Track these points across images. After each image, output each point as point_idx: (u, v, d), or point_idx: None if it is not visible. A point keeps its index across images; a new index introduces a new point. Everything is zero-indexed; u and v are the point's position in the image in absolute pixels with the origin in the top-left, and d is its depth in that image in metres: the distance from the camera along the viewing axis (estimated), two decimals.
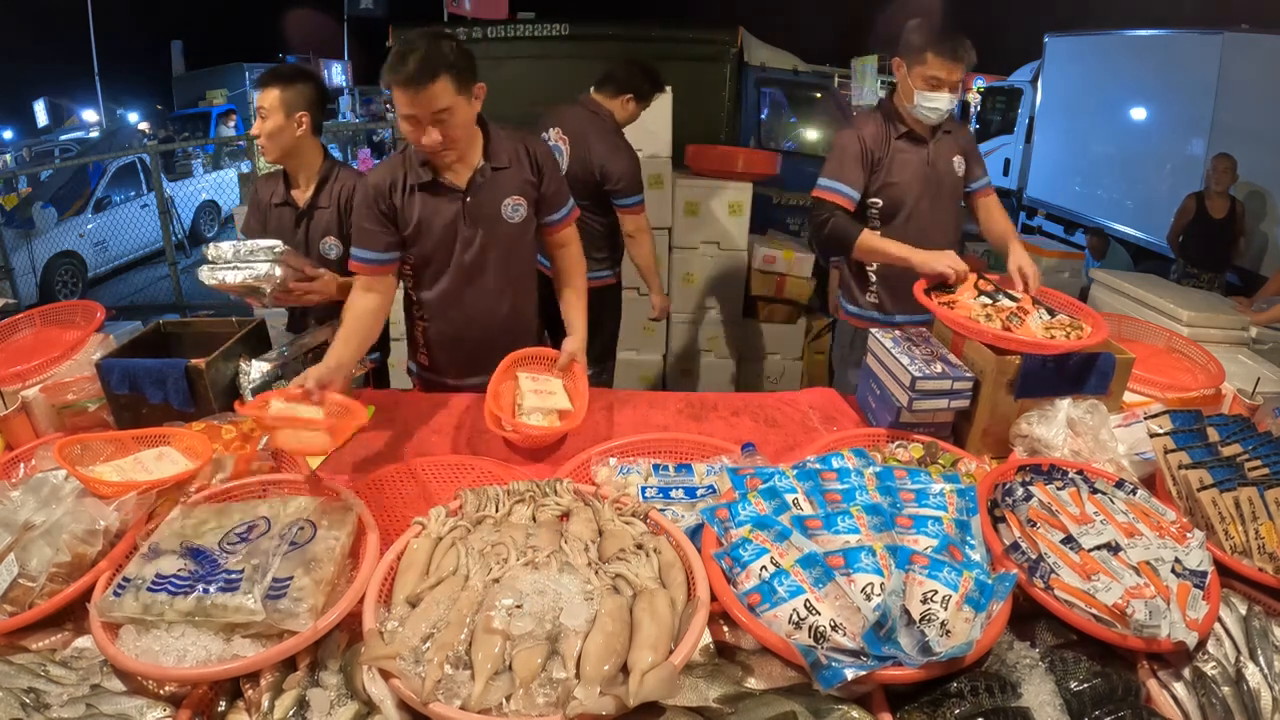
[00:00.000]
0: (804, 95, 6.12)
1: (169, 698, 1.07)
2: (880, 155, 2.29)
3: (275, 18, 21.28)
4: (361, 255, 1.84)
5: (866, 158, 2.27)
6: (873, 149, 2.27)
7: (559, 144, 2.89)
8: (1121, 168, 6.98)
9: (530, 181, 1.92)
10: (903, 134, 2.29)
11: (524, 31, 4.41)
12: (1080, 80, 7.65)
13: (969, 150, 2.41)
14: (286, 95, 2.04)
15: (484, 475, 1.62)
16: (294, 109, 2.05)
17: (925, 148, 2.30)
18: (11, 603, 1.19)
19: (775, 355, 4.15)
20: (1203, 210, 5.03)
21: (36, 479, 1.41)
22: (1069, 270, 5.28)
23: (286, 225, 2.14)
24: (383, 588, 1.17)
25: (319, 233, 2.14)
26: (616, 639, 1.01)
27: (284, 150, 2.09)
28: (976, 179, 2.42)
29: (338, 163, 2.18)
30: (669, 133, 3.61)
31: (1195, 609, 1.14)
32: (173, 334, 2.02)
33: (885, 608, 1.01)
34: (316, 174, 2.13)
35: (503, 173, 1.88)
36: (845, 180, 2.26)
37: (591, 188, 2.86)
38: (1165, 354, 2.18)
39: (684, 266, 3.90)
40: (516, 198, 1.91)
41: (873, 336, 1.91)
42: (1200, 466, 1.42)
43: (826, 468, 1.40)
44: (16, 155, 11.79)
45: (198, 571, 1.15)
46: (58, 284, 7.34)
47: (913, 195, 2.32)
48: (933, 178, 2.32)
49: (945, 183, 2.35)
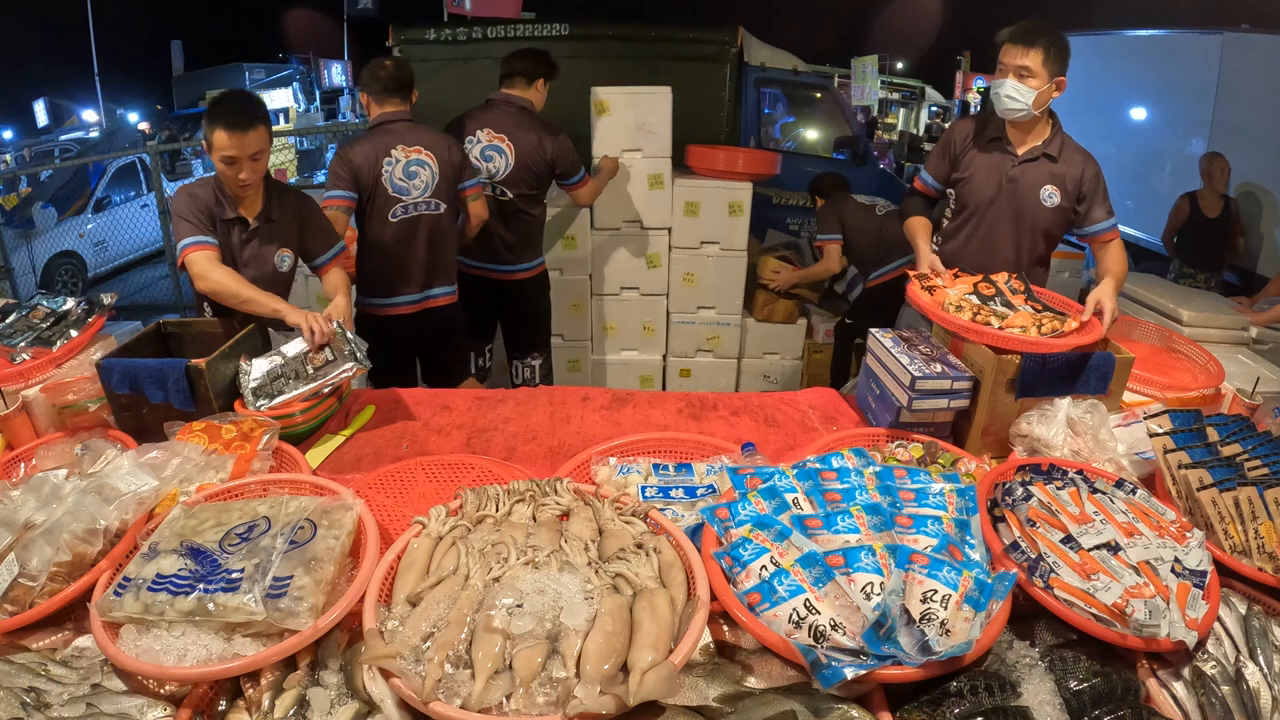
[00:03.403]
0: (804, 95, 6.13)
1: (169, 697, 1.07)
2: (961, 151, 2.35)
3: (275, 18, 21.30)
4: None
5: (949, 149, 2.37)
6: (958, 143, 2.35)
7: (495, 144, 2.98)
8: (1121, 168, 6.97)
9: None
10: (993, 139, 2.27)
11: (524, 31, 4.41)
12: (1080, 80, 7.62)
13: (1079, 187, 2.23)
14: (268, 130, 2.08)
15: (484, 475, 1.63)
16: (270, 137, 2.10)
17: (1009, 158, 2.25)
18: (12, 602, 1.19)
19: (775, 355, 4.16)
20: (1196, 210, 5.03)
21: (37, 479, 1.41)
22: (1069, 270, 5.28)
23: (237, 241, 2.19)
24: (383, 587, 1.17)
25: (272, 246, 2.22)
26: (616, 638, 1.01)
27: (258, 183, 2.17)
28: (1094, 222, 2.23)
29: (272, 179, 2.25)
30: (669, 133, 3.61)
31: (1195, 608, 1.14)
32: (173, 334, 2.02)
33: (885, 607, 1.01)
34: (261, 192, 2.19)
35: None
36: (929, 168, 2.44)
37: (542, 178, 3.02)
38: (1165, 354, 2.18)
39: (684, 266, 3.90)
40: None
41: (872, 336, 1.91)
42: (1200, 466, 1.42)
43: (826, 467, 1.40)
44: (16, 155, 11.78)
45: (198, 571, 1.15)
46: (58, 284, 7.34)
47: (981, 201, 2.31)
48: (1010, 193, 2.26)
49: (1026, 204, 2.25)
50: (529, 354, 3.45)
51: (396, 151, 2.66)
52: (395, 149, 2.66)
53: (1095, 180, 2.21)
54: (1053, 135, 2.23)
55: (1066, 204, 2.22)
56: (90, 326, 2.06)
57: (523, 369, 3.45)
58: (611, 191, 3.72)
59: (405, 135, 2.69)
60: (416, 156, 2.70)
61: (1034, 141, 2.23)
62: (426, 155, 2.70)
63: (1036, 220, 2.25)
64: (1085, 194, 2.22)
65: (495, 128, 2.99)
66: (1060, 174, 2.21)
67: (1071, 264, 5.33)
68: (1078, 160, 2.22)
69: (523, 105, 3.04)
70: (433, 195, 2.73)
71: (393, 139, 2.67)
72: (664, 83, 3.61)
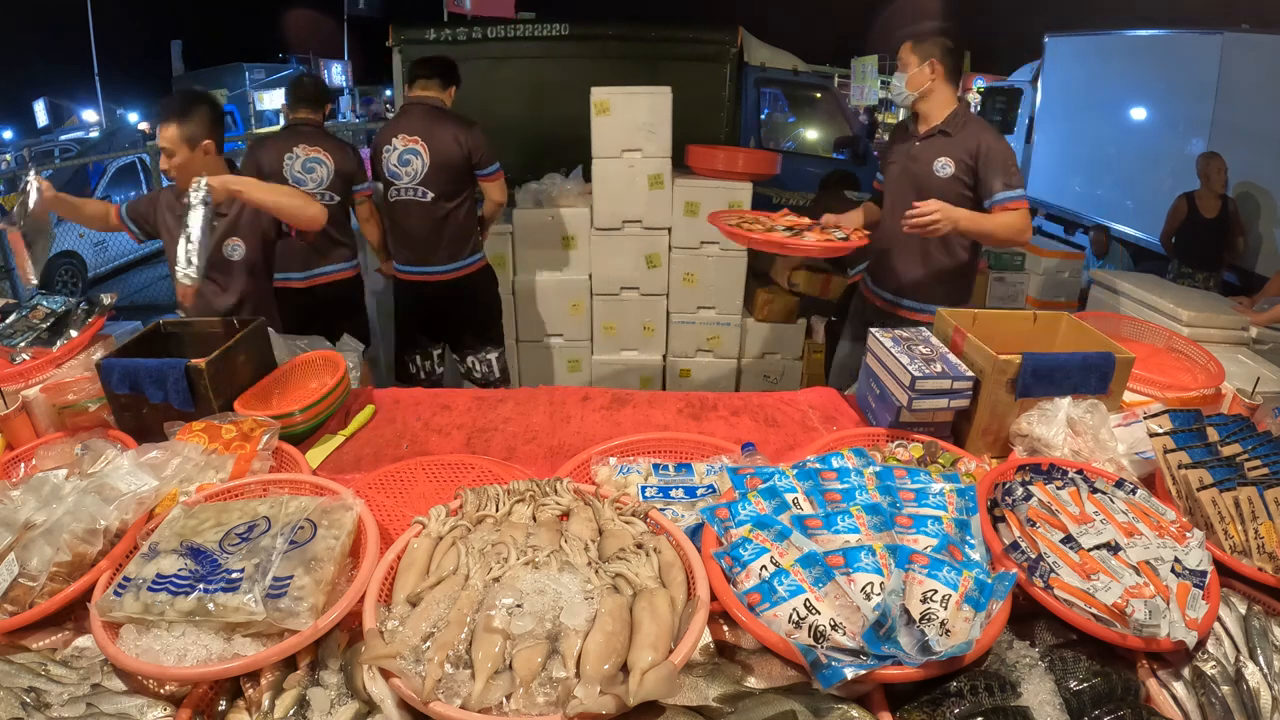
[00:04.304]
0: (804, 95, 6.13)
1: (169, 697, 1.07)
2: (888, 147, 2.59)
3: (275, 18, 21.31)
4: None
5: (884, 149, 2.64)
6: (889, 141, 2.62)
7: (410, 147, 3.07)
8: (1121, 168, 6.98)
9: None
10: (906, 129, 2.49)
11: (524, 31, 4.41)
12: (1080, 80, 7.65)
13: (974, 159, 2.33)
14: (186, 129, 2.17)
15: (484, 475, 1.62)
16: (196, 141, 2.18)
17: (912, 140, 2.47)
18: (12, 602, 1.19)
19: (775, 355, 4.16)
20: (1194, 210, 5.04)
21: (37, 479, 1.41)
22: (1069, 270, 5.28)
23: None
24: (383, 587, 1.17)
25: (222, 235, 2.27)
26: (616, 638, 1.01)
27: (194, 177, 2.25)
28: (991, 193, 2.30)
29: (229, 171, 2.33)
30: (669, 133, 3.61)
31: (1195, 608, 1.14)
32: (173, 334, 2.02)
33: (885, 607, 1.01)
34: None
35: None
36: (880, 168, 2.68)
37: (461, 171, 3.10)
38: (1165, 354, 2.18)
39: (684, 266, 3.90)
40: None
41: (872, 336, 1.91)
42: (1200, 466, 1.42)
43: (826, 467, 1.40)
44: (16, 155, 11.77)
45: (198, 571, 1.15)
46: (58, 284, 7.34)
47: (890, 180, 2.56)
48: (910, 169, 2.48)
49: (922, 177, 2.43)
50: (484, 349, 3.47)
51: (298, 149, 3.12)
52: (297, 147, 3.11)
53: (990, 152, 2.33)
54: (952, 115, 2.42)
55: (961, 174, 2.38)
56: (90, 326, 2.06)
57: (479, 364, 3.48)
58: (611, 191, 3.73)
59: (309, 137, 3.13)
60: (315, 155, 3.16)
61: (934, 122, 2.44)
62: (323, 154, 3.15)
63: (931, 190, 2.35)
64: (981, 165, 2.34)
65: (408, 131, 3.07)
66: (954, 147, 2.38)
67: (1071, 264, 5.33)
68: (974, 134, 2.38)
69: (435, 104, 3.12)
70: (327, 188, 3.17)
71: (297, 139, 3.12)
72: (664, 83, 3.62)
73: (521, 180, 3.99)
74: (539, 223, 3.85)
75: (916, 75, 2.40)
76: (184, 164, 2.18)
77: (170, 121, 2.14)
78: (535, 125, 4.48)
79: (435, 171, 3.06)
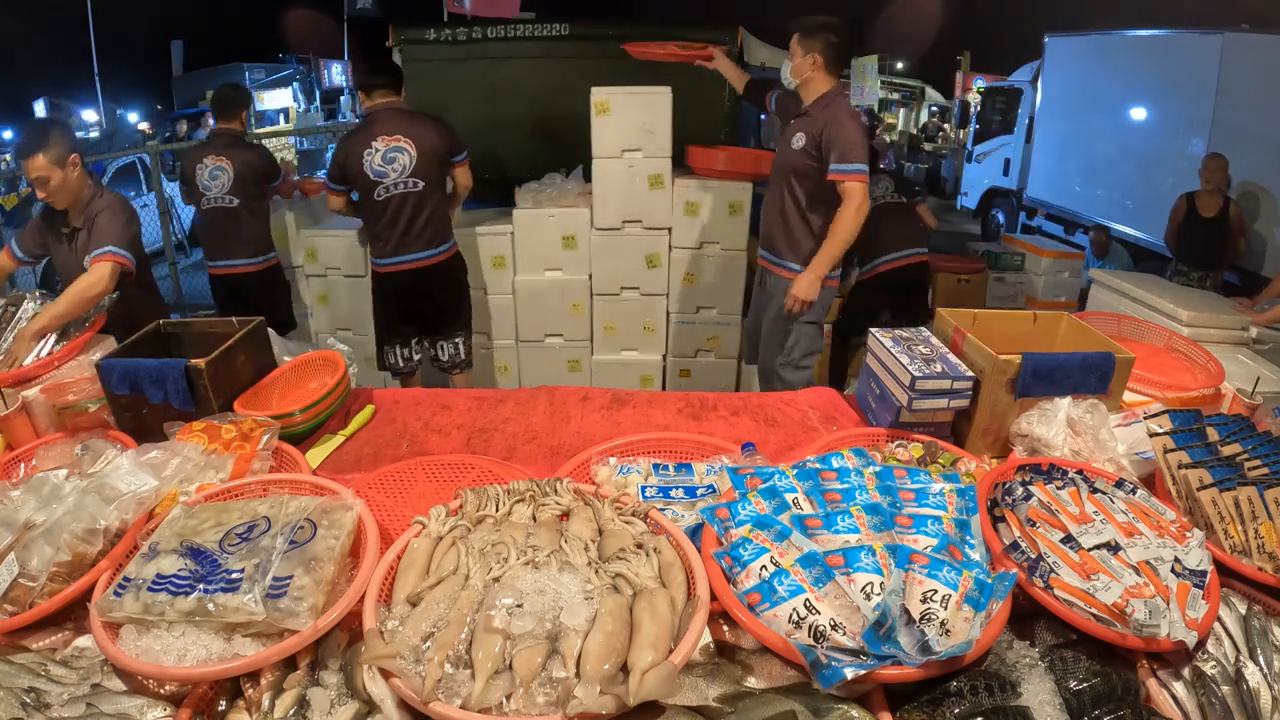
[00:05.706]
0: None
1: (169, 697, 1.07)
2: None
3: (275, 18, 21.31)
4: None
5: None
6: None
7: (396, 144, 3.14)
8: (1121, 168, 6.98)
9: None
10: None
11: (524, 31, 4.41)
12: (1080, 80, 7.65)
13: (820, 134, 2.62)
14: (51, 154, 2.27)
15: (484, 475, 1.62)
16: (64, 160, 2.28)
17: (789, 122, 2.79)
18: (12, 602, 1.19)
19: None
20: (1193, 210, 5.03)
21: (37, 479, 1.42)
22: (1069, 270, 5.28)
23: (65, 249, 2.45)
24: (383, 587, 1.17)
25: (82, 251, 2.39)
26: (616, 638, 1.01)
27: (74, 195, 2.37)
28: (828, 164, 2.62)
29: (100, 188, 2.45)
30: (669, 133, 3.61)
31: (1195, 608, 1.14)
32: (173, 334, 2.02)
33: (885, 607, 1.01)
34: (86, 202, 2.39)
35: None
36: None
37: (443, 160, 3.23)
38: (1165, 354, 2.18)
39: (684, 266, 3.89)
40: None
41: (872, 336, 1.91)
42: (1200, 466, 1.42)
43: (826, 467, 1.40)
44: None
45: (198, 571, 1.15)
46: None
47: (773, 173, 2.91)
48: (782, 147, 2.82)
49: (785, 151, 2.77)
50: (454, 334, 3.53)
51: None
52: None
53: (832, 128, 2.61)
54: (820, 99, 2.71)
55: (809, 148, 2.68)
56: (90, 326, 2.06)
57: (447, 347, 3.53)
58: (612, 191, 3.72)
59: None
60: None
61: (807, 104, 2.76)
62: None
63: (789, 161, 2.76)
64: (824, 140, 2.63)
65: (388, 132, 3.13)
66: (810, 125, 2.69)
67: (1071, 264, 5.33)
68: (830, 115, 2.64)
69: (399, 107, 3.23)
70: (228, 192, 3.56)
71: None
72: (664, 83, 3.62)
73: (521, 180, 3.99)
74: (539, 223, 3.85)
75: (799, 65, 2.71)
76: (60, 185, 2.31)
77: (34, 154, 2.25)
78: (535, 125, 4.48)
79: (425, 162, 3.16)
